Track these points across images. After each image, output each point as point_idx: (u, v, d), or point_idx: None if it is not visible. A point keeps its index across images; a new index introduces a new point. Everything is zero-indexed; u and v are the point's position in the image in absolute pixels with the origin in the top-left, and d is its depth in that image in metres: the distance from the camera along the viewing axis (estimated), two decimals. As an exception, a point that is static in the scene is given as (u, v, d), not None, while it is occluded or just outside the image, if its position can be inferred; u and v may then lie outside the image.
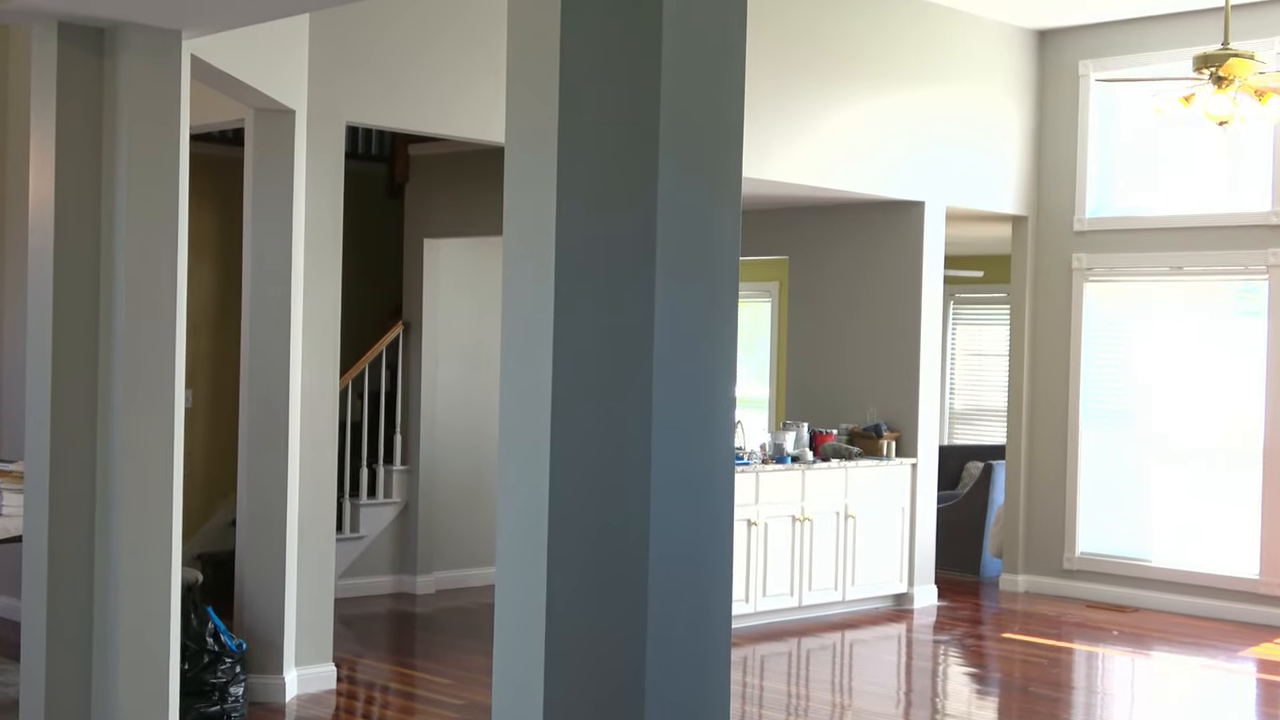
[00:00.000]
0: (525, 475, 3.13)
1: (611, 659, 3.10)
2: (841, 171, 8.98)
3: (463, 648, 7.92)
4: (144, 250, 4.82)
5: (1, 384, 8.22)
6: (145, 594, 4.85)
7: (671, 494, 3.16)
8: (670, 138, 3.13)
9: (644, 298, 3.10)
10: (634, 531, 3.11)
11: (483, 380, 9.67)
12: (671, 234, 3.13)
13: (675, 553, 3.18)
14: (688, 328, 3.19)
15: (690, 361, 3.20)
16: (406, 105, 7.07)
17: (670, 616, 3.17)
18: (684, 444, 3.19)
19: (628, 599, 3.10)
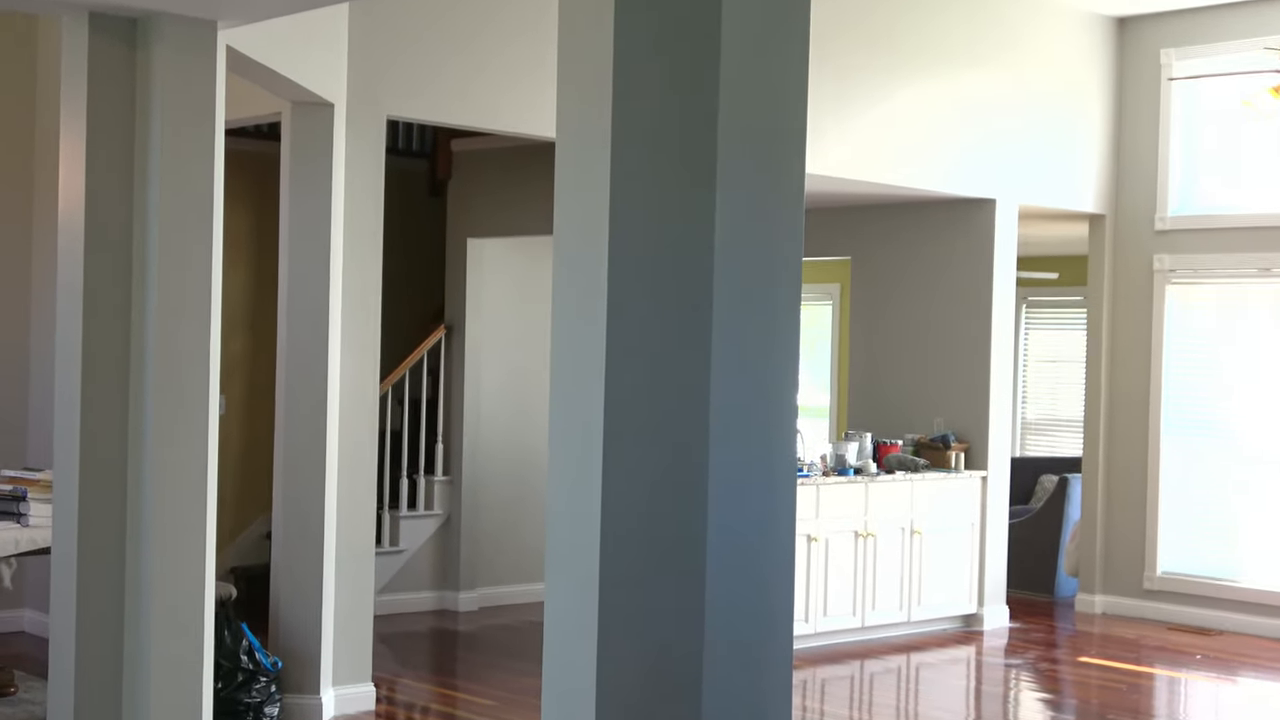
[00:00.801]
0: (576, 489, 3.13)
1: (667, 682, 3.09)
2: (907, 167, 8.94)
3: (507, 668, 7.94)
4: (177, 250, 4.85)
5: (29, 388, 8.30)
6: (177, 609, 4.88)
7: (730, 509, 3.15)
8: (729, 131, 3.12)
9: (702, 300, 3.10)
10: (690, 548, 3.10)
11: (529, 387, 9.68)
12: (731, 233, 3.13)
13: (734, 571, 3.17)
14: (747, 332, 3.18)
15: (750, 368, 3.19)
16: (450, 98, 7.10)
17: (728, 637, 3.16)
18: (743, 455, 3.18)
19: (684, 618, 3.10)
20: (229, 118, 5.35)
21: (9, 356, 8.26)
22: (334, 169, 6.59)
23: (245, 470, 9.32)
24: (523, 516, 9.69)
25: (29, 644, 7.97)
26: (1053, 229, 10.97)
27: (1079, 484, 10.41)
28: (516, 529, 9.68)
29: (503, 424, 9.65)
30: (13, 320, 8.26)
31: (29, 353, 8.30)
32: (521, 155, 9.22)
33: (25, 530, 6.11)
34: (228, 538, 9.14)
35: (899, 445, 9.25)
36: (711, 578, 3.12)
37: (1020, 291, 12.16)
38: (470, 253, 9.52)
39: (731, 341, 3.15)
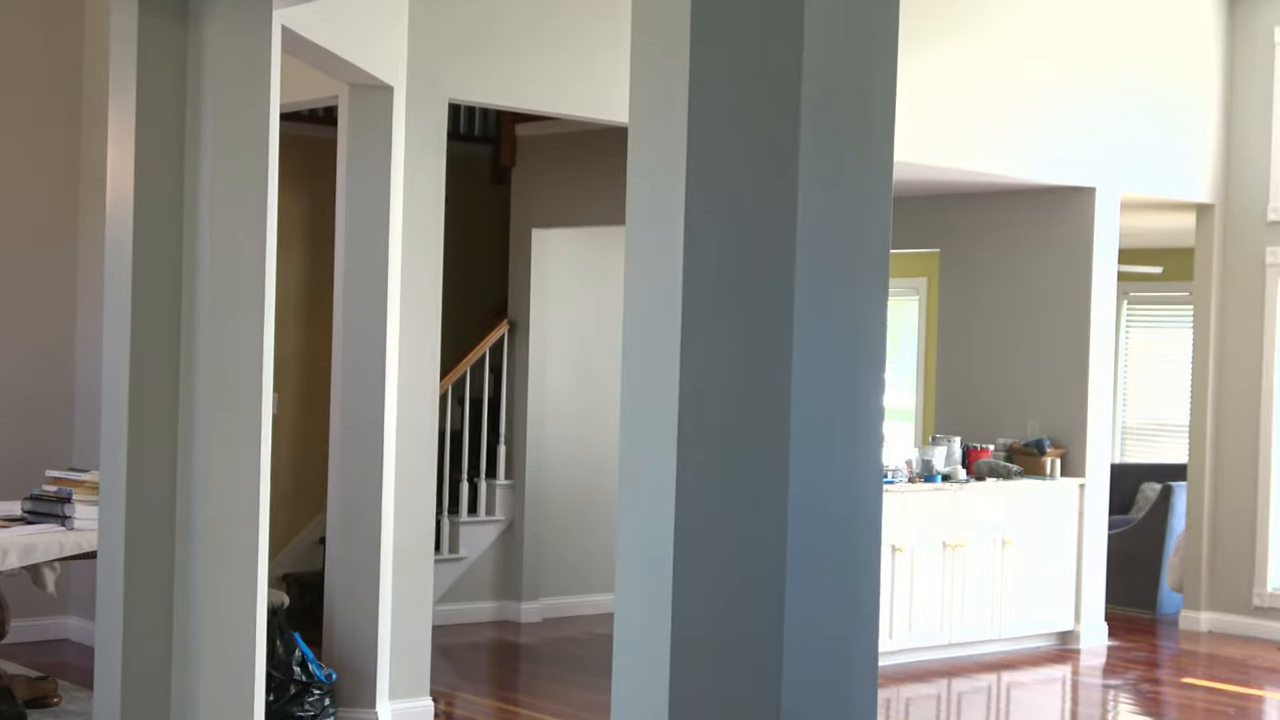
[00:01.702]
0: (648, 495, 3.12)
1: (744, 701, 3.09)
2: (1001, 154, 8.88)
3: (572, 682, 7.96)
4: (230, 240, 4.89)
5: (74, 386, 8.41)
6: (228, 617, 4.92)
7: (811, 517, 3.14)
8: (813, 117, 3.11)
9: (782, 295, 3.09)
10: (769, 558, 3.09)
11: (596, 386, 9.69)
12: (814, 224, 3.11)
13: (815, 583, 3.16)
14: (831, 330, 3.17)
15: (834, 368, 3.18)
16: (515, 81, 7.12)
17: (809, 654, 3.15)
18: (826, 460, 3.17)
19: (762, 633, 3.09)
20: (284, 101, 5.39)
21: (54, 353, 8.37)
22: (393, 155, 6.63)
23: (298, 472, 9.40)
24: (589, 523, 9.70)
25: (73, 652, 8.08)
26: (1157, 219, 10.86)
27: (1184, 492, 10.30)
28: (582, 536, 9.69)
29: (568, 425, 9.66)
30: (58, 315, 8.37)
31: (74, 349, 8.41)
32: (590, 141, 9.23)
33: (70, 533, 6.19)
34: (280, 543, 9.22)
35: (990, 450, 9.19)
36: (791, 590, 3.11)
37: (1121, 286, 12.04)
38: (535, 244, 9.55)
39: (814, 339, 3.13)
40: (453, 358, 9.13)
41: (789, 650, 3.11)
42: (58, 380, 8.39)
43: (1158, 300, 12.84)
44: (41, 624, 8.24)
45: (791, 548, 3.11)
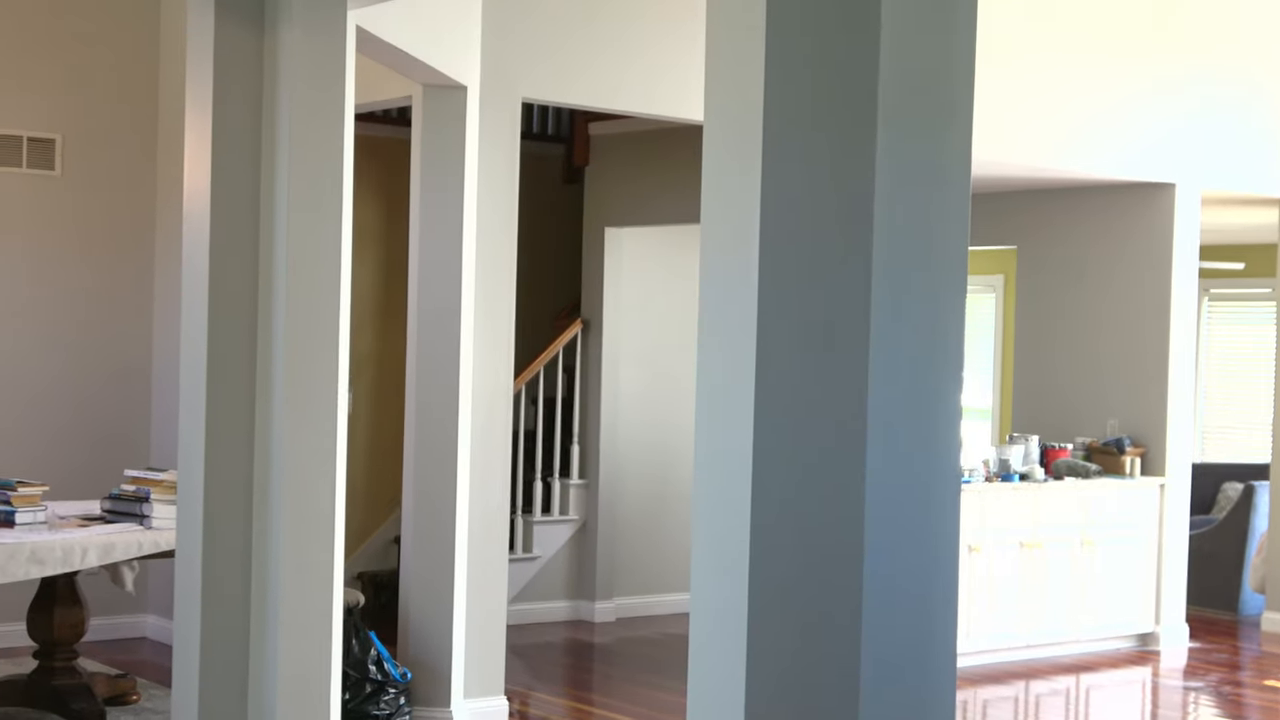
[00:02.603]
0: (723, 495, 3.12)
1: (822, 704, 3.08)
2: (1078, 150, 8.80)
3: (645, 683, 7.96)
4: (306, 241, 4.93)
5: (151, 386, 8.50)
6: (305, 616, 4.95)
7: (889, 518, 3.13)
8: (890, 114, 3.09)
9: (859, 294, 3.07)
10: (846, 558, 3.08)
11: (670, 385, 9.69)
12: (891, 221, 3.10)
13: (892, 583, 3.14)
14: (908, 328, 3.15)
15: (911, 366, 3.16)
16: (588, 80, 7.13)
17: (887, 654, 3.13)
18: (903, 460, 3.15)
19: (839, 634, 3.08)
20: (358, 101, 5.42)
21: (132, 354, 8.46)
22: (467, 155, 6.65)
23: (372, 471, 9.46)
24: (663, 522, 9.70)
25: (151, 650, 8.17)
26: (1238, 215, 10.73)
27: (1266, 492, 10.17)
28: (656, 536, 9.70)
29: (642, 424, 9.67)
30: (136, 317, 8.47)
31: (151, 350, 8.50)
32: (664, 139, 9.23)
33: (148, 533, 6.26)
34: (354, 542, 9.29)
35: (1068, 449, 9.12)
36: (869, 591, 3.10)
37: (1201, 283, 11.91)
38: (608, 242, 9.56)
39: (891, 338, 3.12)
40: (526, 357, 9.16)
41: (866, 652, 3.09)
42: (135, 381, 8.48)
43: (1239, 297, 12.68)
44: (120, 622, 8.34)
45: (869, 550, 3.09)
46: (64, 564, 6.02)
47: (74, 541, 6.04)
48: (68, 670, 6.54)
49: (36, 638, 6.56)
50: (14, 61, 8.12)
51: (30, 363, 8.19)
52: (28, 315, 8.18)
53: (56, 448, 8.18)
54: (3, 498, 6.22)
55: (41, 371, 8.21)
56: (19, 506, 6.16)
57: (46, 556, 5.97)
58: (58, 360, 8.25)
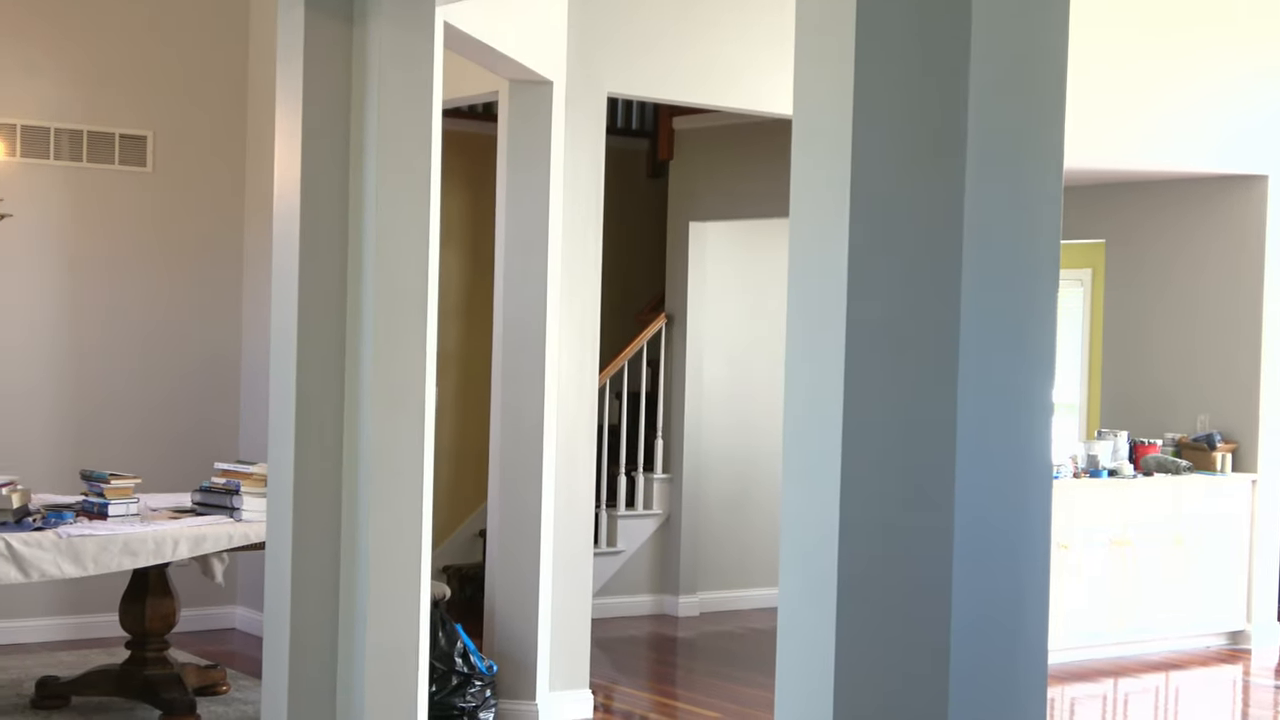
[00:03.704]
0: (812, 490, 3.11)
1: (911, 700, 3.06)
2: (1168, 141, 8.70)
3: (728, 677, 7.95)
4: (394, 236, 4.96)
5: (240, 379, 8.59)
6: (393, 608, 4.99)
7: (979, 515, 3.10)
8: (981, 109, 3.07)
9: (950, 288, 3.05)
10: (935, 554, 3.06)
11: (754, 380, 9.68)
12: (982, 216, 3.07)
13: (983, 580, 3.12)
14: (999, 322, 3.13)
15: (1002, 361, 3.14)
16: (673, 74, 7.13)
17: (977, 653, 3.11)
18: (994, 457, 3.13)
19: (928, 630, 3.06)
20: (444, 97, 5.45)
21: (221, 348, 8.55)
22: (552, 150, 6.67)
23: (458, 465, 9.51)
24: (748, 517, 9.69)
25: (240, 641, 8.26)
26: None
27: (1361, 490, 10.01)
28: (741, 530, 9.69)
29: (725, 418, 9.66)
30: (225, 311, 8.56)
31: (240, 344, 8.59)
32: (750, 133, 9.22)
33: (238, 525, 6.33)
34: (440, 536, 9.35)
35: (1158, 445, 9.02)
36: (958, 587, 3.08)
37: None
38: (692, 237, 9.55)
39: (982, 333, 3.09)
40: (611, 352, 9.17)
41: (956, 650, 3.07)
42: (224, 374, 8.57)
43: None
44: (209, 613, 8.44)
45: (958, 546, 3.07)
46: (156, 556, 6.10)
47: (165, 533, 6.11)
48: (159, 660, 6.62)
49: (128, 628, 6.64)
50: (106, 59, 8.23)
51: (122, 357, 8.29)
52: (119, 311, 8.28)
53: (148, 441, 8.29)
54: (96, 490, 6.31)
55: (132, 366, 8.32)
56: (112, 499, 6.25)
57: (139, 548, 6.05)
58: (148, 355, 8.36)
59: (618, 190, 8.38)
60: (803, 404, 3.16)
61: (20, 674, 7.21)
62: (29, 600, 7.97)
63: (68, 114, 8.13)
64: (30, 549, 5.82)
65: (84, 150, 8.17)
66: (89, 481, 6.39)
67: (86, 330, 8.21)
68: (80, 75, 8.17)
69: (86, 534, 5.95)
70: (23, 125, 8.00)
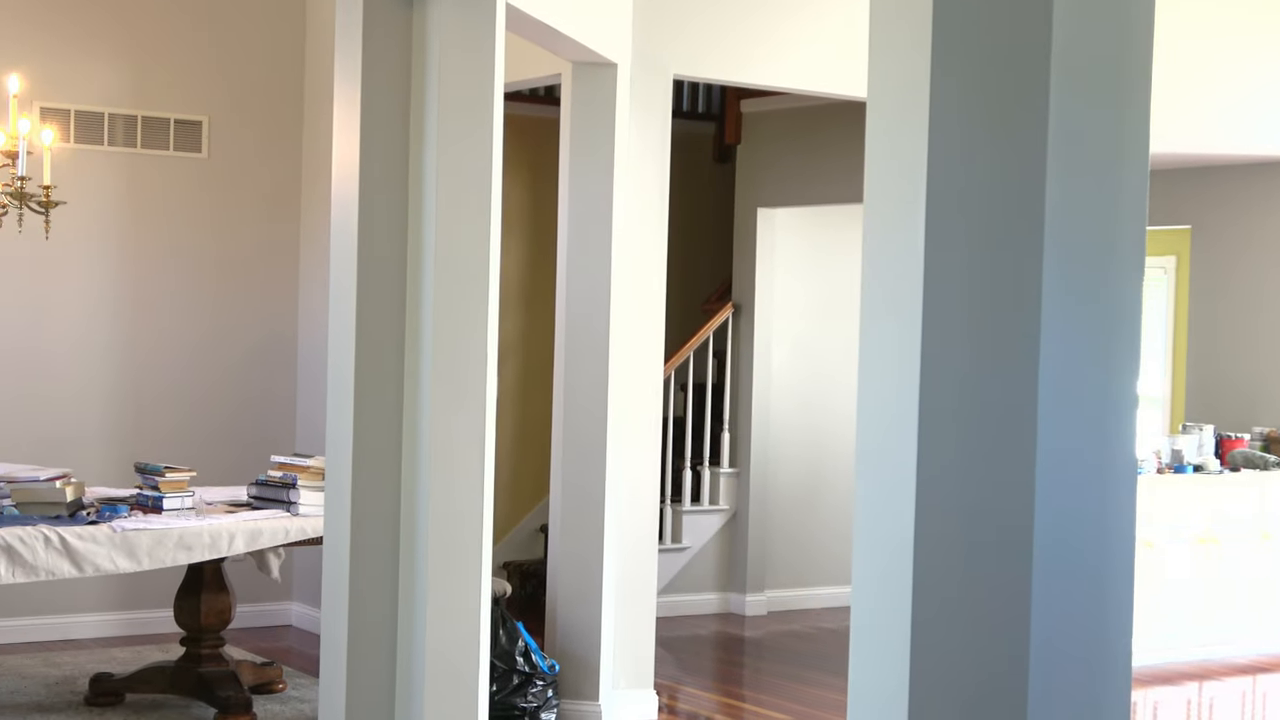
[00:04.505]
0: (886, 485, 3.10)
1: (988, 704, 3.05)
2: (1255, 124, 8.60)
3: (797, 678, 7.94)
4: (455, 223, 4.97)
5: (297, 371, 8.65)
6: (453, 606, 5.01)
7: (1060, 512, 3.08)
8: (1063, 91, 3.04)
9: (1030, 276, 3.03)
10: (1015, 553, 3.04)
11: (825, 372, 9.65)
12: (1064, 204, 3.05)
13: (1064, 581, 3.10)
14: (1082, 311, 3.10)
15: (1085, 352, 3.11)
16: (740, 56, 7.11)
17: (1057, 655, 3.09)
18: (1076, 452, 3.10)
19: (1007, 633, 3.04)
20: (506, 80, 5.45)
21: (277, 338, 8.61)
22: (617, 134, 6.67)
23: (518, 458, 9.54)
24: (818, 513, 9.67)
25: (296, 638, 8.32)
26: None
27: None
28: (810, 526, 9.67)
29: (795, 411, 9.64)
30: (281, 302, 8.61)
31: (296, 334, 8.64)
32: (818, 116, 9.19)
33: (295, 519, 6.37)
34: (500, 530, 9.38)
35: (1245, 440, 8.92)
36: (1039, 587, 3.06)
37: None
38: (760, 223, 9.53)
39: (1064, 323, 3.07)
40: (676, 342, 9.17)
41: (1035, 652, 3.06)
42: (281, 365, 8.63)
43: None
44: (265, 609, 8.50)
45: (1038, 545, 3.05)
46: (211, 550, 6.15)
47: (221, 528, 6.17)
48: (214, 657, 6.67)
49: (183, 624, 6.70)
50: (161, 44, 8.30)
51: (176, 349, 8.36)
52: (174, 301, 8.35)
53: (203, 433, 8.35)
54: (150, 483, 6.37)
55: (187, 357, 8.39)
56: (167, 492, 6.30)
57: (194, 543, 6.10)
58: (203, 346, 8.42)
59: (683, 175, 8.38)
60: (877, 397, 3.15)
61: (74, 670, 7.29)
62: (83, 595, 8.06)
63: (121, 99, 8.20)
64: (84, 543, 5.89)
65: (138, 136, 8.24)
66: (143, 474, 6.45)
67: (140, 320, 8.29)
68: (134, 59, 8.24)
69: (141, 528, 6.01)
70: (76, 110, 8.08)
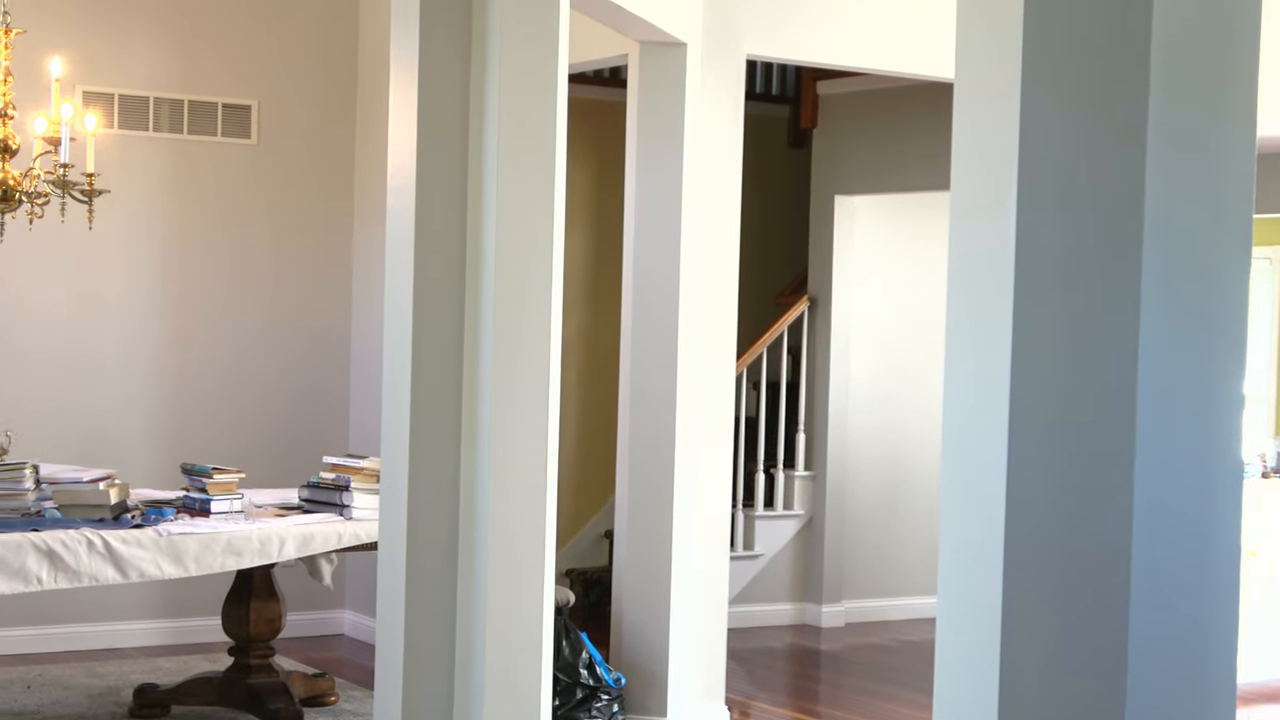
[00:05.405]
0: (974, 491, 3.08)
1: None
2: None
3: (877, 694, 7.92)
4: (516, 212, 4.97)
5: (350, 368, 8.69)
6: (514, 616, 5.01)
7: (1161, 520, 3.06)
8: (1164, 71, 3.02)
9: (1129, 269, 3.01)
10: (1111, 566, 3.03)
11: (907, 369, 9.62)
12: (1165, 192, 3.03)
13: (1165, 593, 3.07)
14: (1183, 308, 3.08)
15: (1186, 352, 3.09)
16: (819, 34, 7.09)
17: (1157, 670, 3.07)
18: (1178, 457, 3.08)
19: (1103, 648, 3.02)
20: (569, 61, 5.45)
21: (330, 333, 8.66)
22: (686, 118, 6.66)
23: (581, 461, 9.56)
24: (899, 518, 9.64)
25: (350, 648, 8.36)
26: None
27: None
28: (891, 533, 9.64)
29: (875, 410, 9.61)
30: (334, 294, 8.66)
31: (350, 328, 8.68)
32: (901, 98, 9.15)
33: (348, 524, 6.39)
34: (563, 536, 9.40)
35: (1357, 443, 8.84)
36: (1137, 601, 3.04)
37: None
38: (838, 212, 9.51)
39: (1164, 319, 3.05)
40: (748, 338, 9.16)
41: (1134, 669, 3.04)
42: (333, 360, 8.67)
43: None
44: (317, 618, 8.56)
45: (1137, 556, 3.03)
46: (261, 556, 6.19)
47: (271, 532, 6.20)
48: (264, 668, 6.72)
49: (232, 633, 6.75)
50: (208, 24, 8.36)
51: (224, 342, 8.42)
52: (222, 293, 8.41)
53: (252, 433, 8.41)
54: (197, 485, 6.42)
55: (235, 351, 8.45)
56: (214, 494, 6.34)
57: (243, 547, 6.14)
58: (252, 340, 8.48)
59: (756, 161, 8.37)
60: (964, 397, 3.14)
61: (118, 681, 7.36)
62: (127, 602, 8.13)
63: (167, 82, 8.27)
64: (129, 548, 5.94)
65: (184, 121, 8.31)
66: (190, 476, 6.50)
67: (187, 314, 8.35)
68: (180, 39, 8.31)
69: (188, 532, 6.05)
70: (120, 95, 8.15)
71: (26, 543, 5.75)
